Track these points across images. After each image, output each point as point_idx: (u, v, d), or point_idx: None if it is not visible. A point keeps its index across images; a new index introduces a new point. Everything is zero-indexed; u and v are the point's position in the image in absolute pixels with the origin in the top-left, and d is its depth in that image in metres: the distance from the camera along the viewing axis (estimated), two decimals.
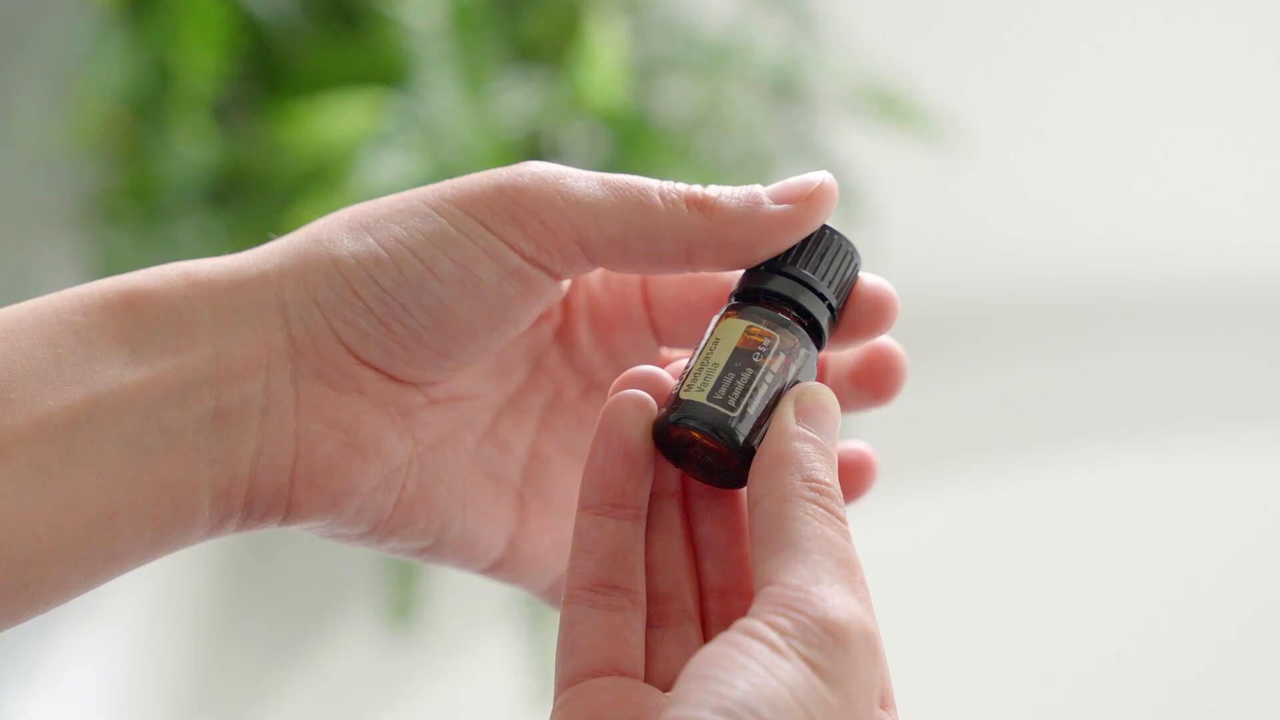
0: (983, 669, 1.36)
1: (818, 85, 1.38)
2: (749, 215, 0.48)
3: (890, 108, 1.36)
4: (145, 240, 1.22)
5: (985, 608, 1.39)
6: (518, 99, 1.25)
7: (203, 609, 1.28)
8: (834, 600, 0.41)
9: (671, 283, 0.53)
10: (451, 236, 0.47)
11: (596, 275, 0.54)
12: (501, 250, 0.48)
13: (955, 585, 1.40)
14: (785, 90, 1.37)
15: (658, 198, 0.48)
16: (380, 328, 0.48)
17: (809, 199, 0.48)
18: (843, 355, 0.53)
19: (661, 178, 0.49)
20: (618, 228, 0.48)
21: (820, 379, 0.52)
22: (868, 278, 0.50)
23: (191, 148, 1.21)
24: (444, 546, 0.51)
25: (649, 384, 0.47)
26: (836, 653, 0.41)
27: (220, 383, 0.47)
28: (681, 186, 0.48)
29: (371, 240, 0.47)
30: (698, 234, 0.48)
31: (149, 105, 1.22)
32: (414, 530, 0.50)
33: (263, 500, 0.47)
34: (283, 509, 0.48)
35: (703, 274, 0.53)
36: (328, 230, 0.48)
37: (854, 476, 0.53)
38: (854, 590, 0.42)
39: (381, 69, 1.27)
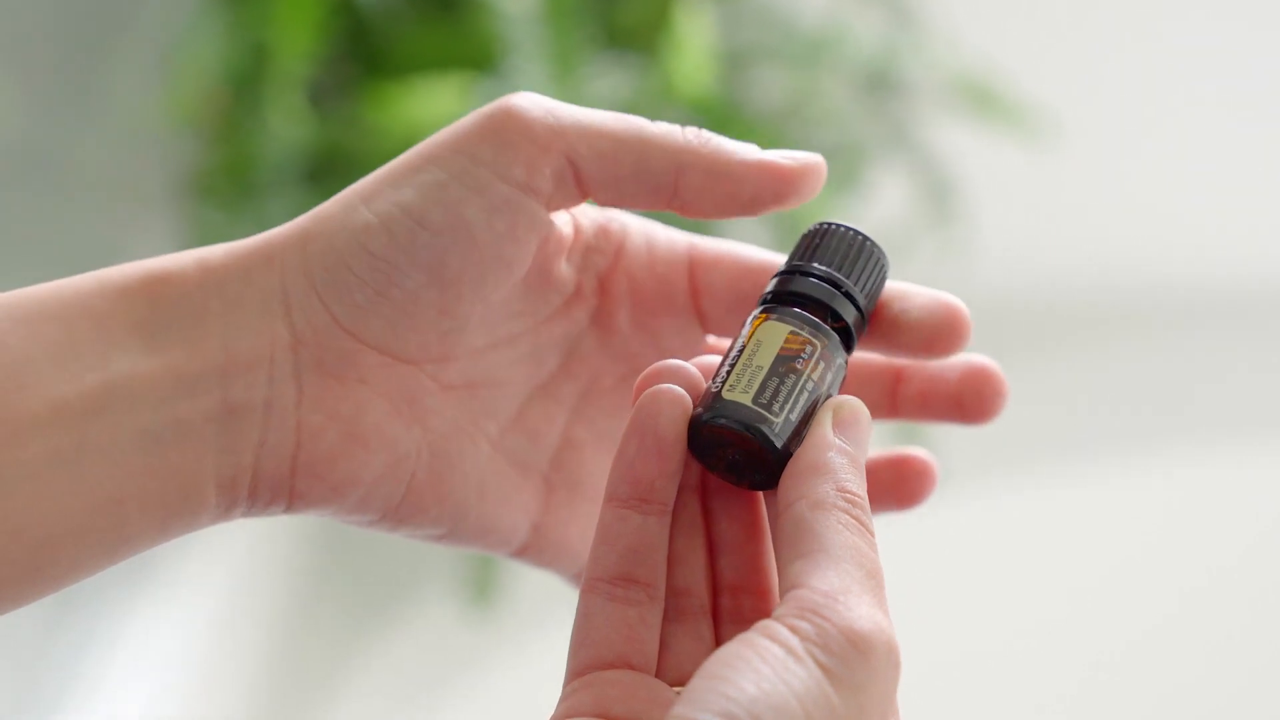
0: (1018, 670, 1.35)
1: (913, 78, 1.37)
2: (743, 151, 0.49)
3: (986, 101, 1.35)
4: (238, 217, 1.24)
5: (1022, 612, 1.38)
6: (608, 86, 1.25)
7: (286, 580, 1.30)
8: (861, 610, 0.41)
9: (723, 272, 0.53)
10: (440, 182, 0.47)
11: (641, 258, 0.54)
12: (489, 183, 0.48)
13: (1004, 588, 1.39)
14: (880, 82, 1.36)
15: (651, 122, 0.49)
16: (377, 298, 0.48)
17: (803, 158, 0.49)
18: (942, 372, 0.53)
19: None
20: (609, 143, 0.48)
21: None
22: (937, 294, 0.50)
23: (285, 127, 1.22)
24: (461, 533, 0.51)
25: (680, 378, 0.47)
26: (856, 662, 0.41)
27: (227, 374, 0.47)
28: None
29: (364, 210, 0.47)
30: (688, 156, 0.48)
31: (245, 84, 1.24)
32: (426, 518, 0.50)
33: (266, 489, 0.48)
34: (285, 498, 0.48)
35: (756, 266, 0.53)
36: (328, 207, 0.48)
37: (914, 483, 0.54)
38: (880, 603, 0.42)
39: (477, 53, 1.28)
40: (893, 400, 0.54)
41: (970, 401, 0.53)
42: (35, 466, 0.44)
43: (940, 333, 0.50)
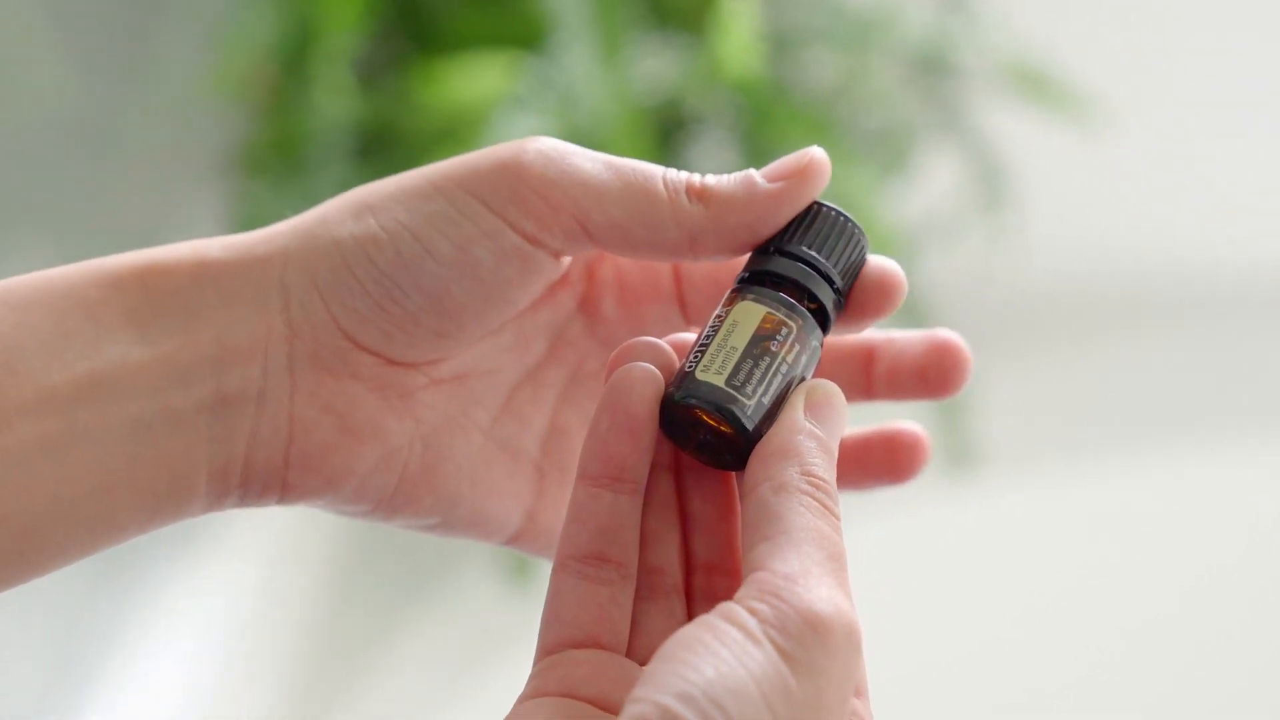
0: (1018, 666, 1.34)
1: (964, 61, 1.36)
2: (746, 198, 0.48)
3: (1037, 86, 1.34)
4: (285, 192, 1.25)
5: (1035, 605, 1.37)
6: (654, 66, 1.25)
7: (327, 555, 1.31)
8: (820, 592, 0.41)
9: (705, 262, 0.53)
10: (450, 217, 0.47)
11: None
12: (500, 230, 0.48)
13: (1020, 579, 1.38)
14: (931, 65, 1.35)
15: (662, 186, 0.48)
16: (377, 310, 0.48)
17: (802, 172, 0.48)
18: (908, 346, 0.53)
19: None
20: (621, 212, 0.48)
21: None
22: (876, 259, 0.49)
23: (332, 102, 1.23)
24: (455, 523, 0.52)
25: (652, 355, 0.47)
26: (814, 645, 0.40)
27: (221, 365, 0.47)
28: (683, 175, 0.48)
29: (373, 221, 0.47)
30: (699, 222, 0.48)
31: (293, 59, 1.25)
32: (419, 508, 0.51)
33: (258, 480, 0.48)
34: (278, 489, 0.49)
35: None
36: (334, 211, 0.48)
37: (906, 457, 0.53)
38: (841, 585, 0.42)
39: (525, 31, 1.28)
40: (867, 381, 0.53)
41: (933, 375, 0.52)
42: (23, 453, 0.45)
43: (869, 293, 0.49)
